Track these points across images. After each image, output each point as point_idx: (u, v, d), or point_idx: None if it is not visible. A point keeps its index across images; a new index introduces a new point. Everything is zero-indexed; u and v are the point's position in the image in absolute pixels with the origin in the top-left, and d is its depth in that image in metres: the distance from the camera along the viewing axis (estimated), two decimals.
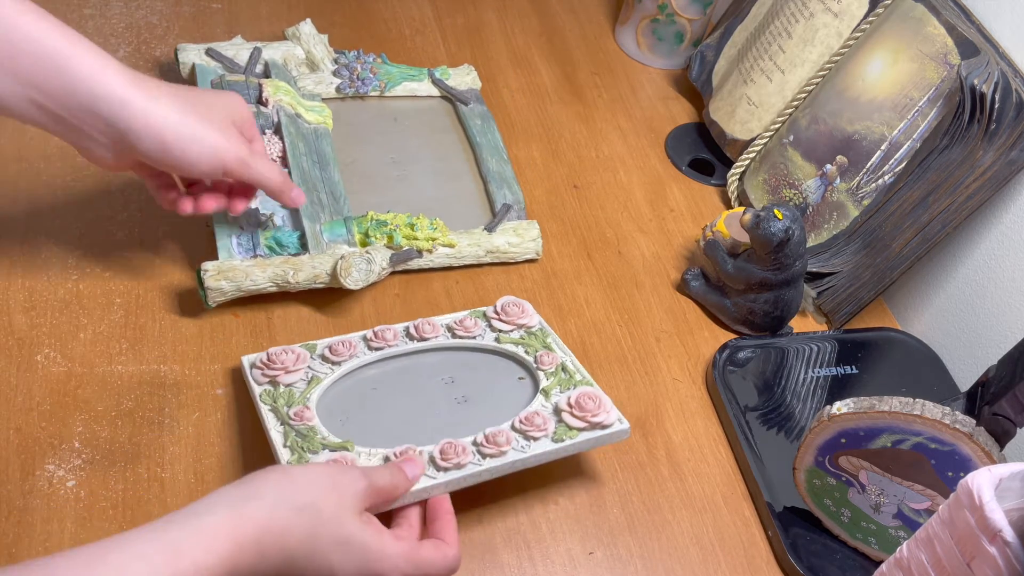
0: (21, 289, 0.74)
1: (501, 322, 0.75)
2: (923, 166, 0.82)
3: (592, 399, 0.69)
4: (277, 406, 0.66)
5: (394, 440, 0.64)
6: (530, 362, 0.73)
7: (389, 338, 0.72)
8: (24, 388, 0.68)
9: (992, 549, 0.49)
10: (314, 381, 0.68)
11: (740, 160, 0.97)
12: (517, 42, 1.09)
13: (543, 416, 0.67)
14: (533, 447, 0.66)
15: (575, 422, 0.68)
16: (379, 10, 1.08)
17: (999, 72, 0.77)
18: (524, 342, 0.74)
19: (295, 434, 0.64)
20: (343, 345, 0.70)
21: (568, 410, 0.68)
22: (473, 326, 0.74)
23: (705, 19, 1.08)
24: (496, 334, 0.74)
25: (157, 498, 0.64)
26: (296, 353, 0.69)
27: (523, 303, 0.76)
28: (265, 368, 0.68)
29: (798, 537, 0.71)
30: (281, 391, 0.67)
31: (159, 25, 0.97)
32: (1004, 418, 0.62)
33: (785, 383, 0.81)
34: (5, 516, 0.62)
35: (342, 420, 0.67)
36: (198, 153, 0.65)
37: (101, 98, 0.61)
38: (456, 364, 0.73)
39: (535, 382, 0.72)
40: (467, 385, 0.71)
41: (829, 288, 0.88)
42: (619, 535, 0.70)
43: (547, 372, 0.72)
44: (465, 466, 0.63)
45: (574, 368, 0.72)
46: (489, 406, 0.69)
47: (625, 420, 0.69)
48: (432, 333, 0.73)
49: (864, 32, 0.90)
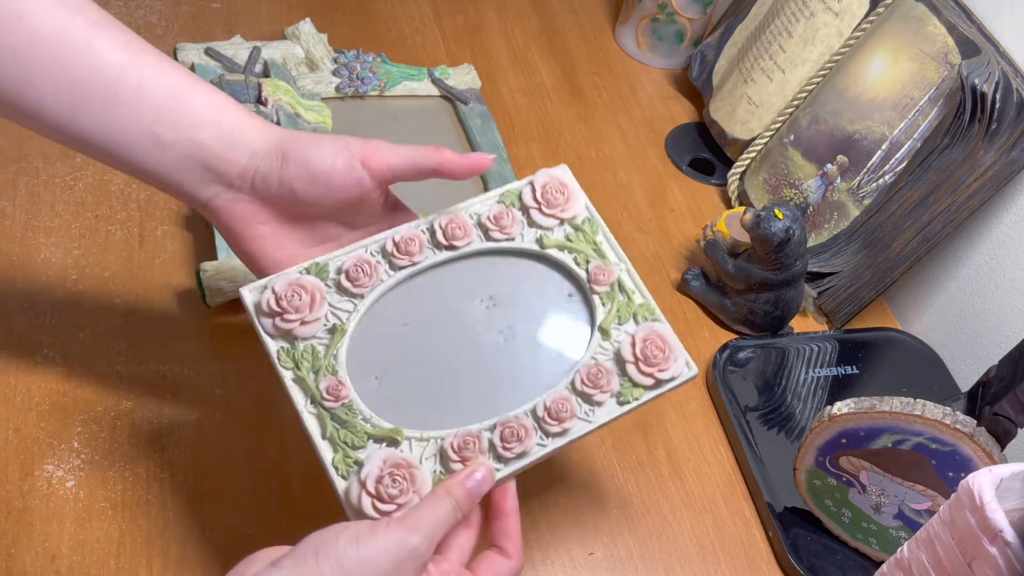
0: (20, 289, 0.73)
1: (542, 215, 0.61)
2: (924, 166, 0.82)
3: (660, 343, 0.58)
4: (301, 374, 0.55)
5: (441, 406, 0.56)
6: (580, 275, 0.60)
7: (414, 251, 0.59)
8: (23, 388, 0.68)
9: (993, 550, 0.49)
10: (338, 332, 0.56)
11: (740, 160, 0.97)
12: (517, 42, 1.09)
13: (605, 370, 0.57)
14: (597, 414, 0.57)
15: (642, 379, 0.58)
16: (379, 9, 1.08)
17: (1000, 72, 0.77)
18: (572, 245, 0.61)
19: (332, 420, 0.54)
20: (361, 270, 0.58)
21: (633, 362, 0.58)
22: (510, 224, 0.61)
23: (705, 18, 1.07)
24: (538, 233, 0.61)
25: (157, 499, 0.64)
26: (310, 291, 0.56)
27: (565, 180, 0.62)
28: (276, 317, 0.56)
29: (798, 537, 0.71)
30: (301, 350, 0.56)
31: (158, 24, 0.97)
32: (1005, 418, 0.62)
33: (785, 383, 0.81)
34: (4, 516, 0.62)
35: (378, 379, 0.56)
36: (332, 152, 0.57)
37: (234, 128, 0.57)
38: (493, 277, 0.60)
39: (588, 304, 0.60)
40: (510, 309, 0.59)
41: (830, 288, 0.88)
42: (619, 535, 0.70)
43: (602, 294, 0.60)
44: (530, 451, 0.55)
45: (633, 286, 0.60)
46: (540, 342, 0.59)
47: (693, 363, 0.59)
48: (464, 238, 0.60)
49: (865, 31, 0.90)
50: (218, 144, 0.56)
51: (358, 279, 0.57)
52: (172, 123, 0.55)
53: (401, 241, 0.59)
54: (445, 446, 0.54)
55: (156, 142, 0.55)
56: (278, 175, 0.56)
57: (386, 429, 0.54)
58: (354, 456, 0.53)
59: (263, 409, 0.70)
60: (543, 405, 0.56)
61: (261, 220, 0.58)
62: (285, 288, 0.56)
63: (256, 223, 0.58)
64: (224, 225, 0.58)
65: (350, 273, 0.57)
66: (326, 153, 0.57)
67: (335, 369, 0.55)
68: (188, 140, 0.55)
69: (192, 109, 0.55)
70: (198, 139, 0.55)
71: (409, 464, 0.53)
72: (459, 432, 0.54)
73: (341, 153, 0.57)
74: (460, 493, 0.52)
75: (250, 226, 0.58)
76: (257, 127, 0.57)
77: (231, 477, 0.66)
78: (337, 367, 0.56)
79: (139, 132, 0.54)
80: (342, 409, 0.54)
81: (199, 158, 0.56)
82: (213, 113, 0.56)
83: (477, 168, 0.59)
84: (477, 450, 0.54)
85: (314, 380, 0.55)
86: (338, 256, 0.58)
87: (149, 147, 0.55)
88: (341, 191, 0.57)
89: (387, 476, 0.52)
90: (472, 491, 0.52)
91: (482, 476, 0.53)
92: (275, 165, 0.56)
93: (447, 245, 0.59)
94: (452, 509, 0.51)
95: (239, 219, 0.58)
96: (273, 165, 0.56)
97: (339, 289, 0.57)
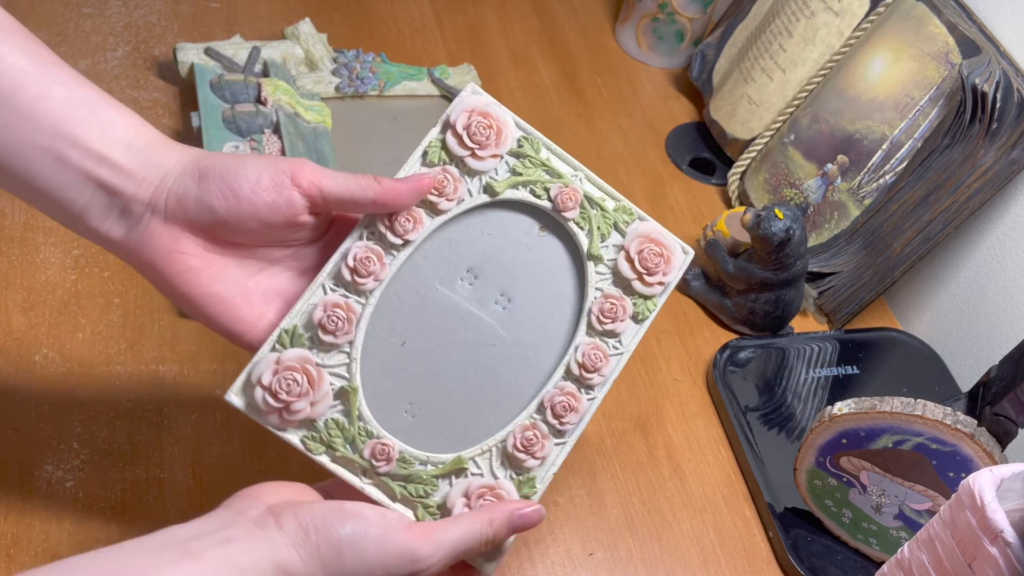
0: (19, 289, 0.73)
1: (478, 159, 0.54)
2: (924, 165, 0.82)
3: (654, 247, 0.55)
4: (339, 452, 0.52)
5: (479, 407, 0.54)
6: (545, 207, 0.55)
7: (375, 269, 0.53)
8: (23, 388, 0.68)
9: (993, 550, 0.49)
10: (349, 392, 0.52)
11: (741, 159, 0.97)
12: (517, 41, 1.09)
13: (616, 298, 0.55)
14: (625, 342, 0.55)
15: (651, 289, 0.55)
16: (378, 9, 1.08)
17: (1000, 71, 0.77)
18: (522, 178, 0.55)
19: (393, 482, 0.52)
20: (335, 315, 0.52)
21: (637, 277, 0.55)
22: (452, 187, 0.54)
23: (706, 18, 1.07)
24: (482, 180, 0.54)
25: (156, 499, 0.64)
26: (301, 368, 0.51)
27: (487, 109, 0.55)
28: (281, 412, 0.51)
29: (799, 538, 0.71)
30: (325, 429, 0.52)
31: (158, 24, 0.97)
32: (1005, 418, 0.62)
33: (786, 383, 0.81)
34: (4, 516, 0.61)
35: (408, 411, 0.54)
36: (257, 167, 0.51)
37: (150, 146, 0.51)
38: (460, 249, 0.55)
39: (564, 233, 0.56)
40: (493, 275, 0.55)
41: (830, 288, 0.88)
42: (619, 536, 0.70)
43: (576, 220, 0.55)
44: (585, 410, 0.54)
45: (599, 192, 0.56)
46: (540, 295, 0.55)
47: (686, 246, 0.57)
48: (415, 227, 0.53)
49: (865, 31, 0.90)
50: (127, 162, 0.49)
51: (336, 327, 0.52)
52: (74, 138, 0.48)
53: (358, 263, 0.52)
54: (508, 448, 0.53)
55: (55, 158, 0.48)
56: (195, 193, 0.50)
57: (448, 463, 0.53)
58: (433, 503, 0.53)
59: None
60: (575, 362, 0.54)
61: (185, 250, 0.51)
62: (274, 378, 0.51)
63: (181, 255, 0.51)
64: (147, 264, 0.51)
65: (325, 325, 0.52)
66: (250, 167, 0.50)
67: (369, 431, 0.52)
68: (92, 158, 0.49)
69: (100, 124, 0.49)
70: (104, 156, 0.49)
71: (492, 487, 0.53)
72: (514, 429, 0.53)
73: (268, 168, 0.50)
74: (502, 522, 0.51)
75: (175, 260, 0.51)
76: (172, 147, 0.51)
77: (231, 476, 0.66)
78: (369, 427, 0.52)
79: (36, 146, 0.48)
80: (398, 467, 0.52)
81: (103, 180, 0.49)
82: (123, 131, 0.50)
83: (419, 189, 0.53)
84: (542, 437, 0.53)
85: (355, 452, 0.52)
86: (299, 312, 0.52)
87: (47, 165, 0.48)
88: (269, 211, 0.50)
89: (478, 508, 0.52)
90: (515, 523, 0.51)
91: (531, 512, 0.52)
92: (191, 183, 0.50)
93: (402, 243, 0.53)
94: (481, 532, 0.50)
95: (161, 254, 0.50)
96: (188, 183, 0.50)
97: (320, 345, 0.52)
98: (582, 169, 0.56)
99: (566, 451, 0.54)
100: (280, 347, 0.52)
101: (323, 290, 0.53)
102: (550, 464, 0.54)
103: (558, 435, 0.54)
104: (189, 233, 0.51)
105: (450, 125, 0.54)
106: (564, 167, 0.56)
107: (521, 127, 0.56)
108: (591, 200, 0.55)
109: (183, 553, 0.44)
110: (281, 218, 0.51)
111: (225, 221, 0.50)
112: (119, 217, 0.50)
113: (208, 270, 0.51)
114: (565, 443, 0.54)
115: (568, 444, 0.54)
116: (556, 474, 0.54)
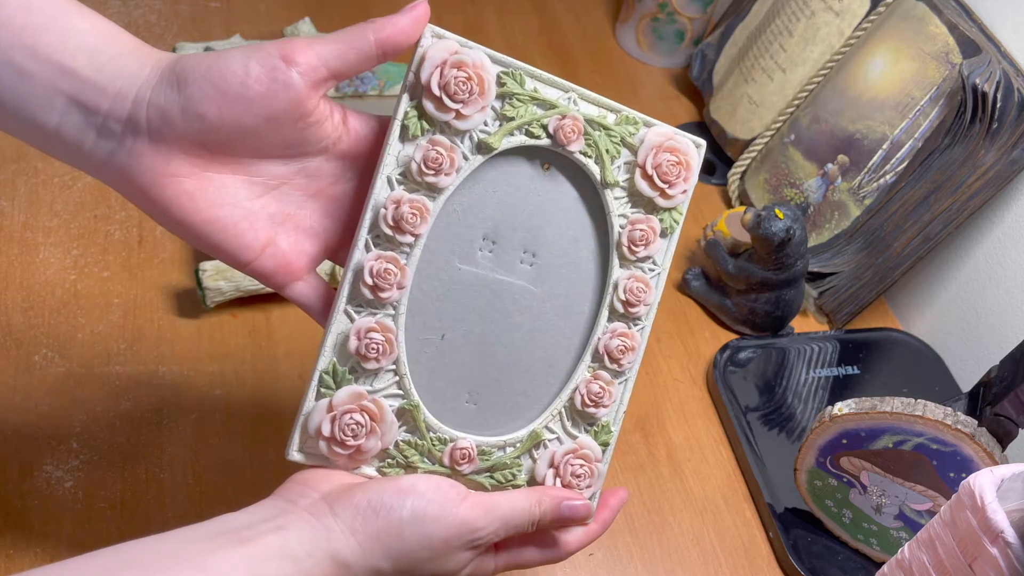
0: (19, 289, 0.73)
1: (463, 118, 0.48)
2: (925, 165, 0.81)
3: (669, 155, 0.51)
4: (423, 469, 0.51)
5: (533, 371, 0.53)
6: (544, 144, 0.50)
7: (398, 280, 0.49)
8: (22, 388, 0.68)
9: (994, 550, 0.49)
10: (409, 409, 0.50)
11: (741, 159, 0.97)
12: (517, 41, 1.09)
13: (642, 222, 0.52)
14: (659, 260, 0.53)
15: (673, 201, 0.52)
16: (378, 8, 1.07)
17: (1001, 71, 0.77)
18: (514, 122, 0.50)
19: (482, 476, 0.52)
20: (370, 340, 0.48)
21: (659, 193, 0.52)
22: (446, 160, 0.48)
23: (706, 18, 1.07)
24: (473, 139, 0.49)
25: (155, 499, 0.64)
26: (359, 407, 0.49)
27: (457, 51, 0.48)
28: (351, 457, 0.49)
29: (799, 538, 0.71)
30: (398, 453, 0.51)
31: (157, 24, 0.97)
32: (1006, 418, 0.62)
33: (786, 383, 0.81)
34: (3, 517, 0.61)
35: (469, 401, 0.52)
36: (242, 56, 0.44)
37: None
38: (469, 215, 0.51)
39: (571, 166, 0.52)
40: (511, 234, 0.51)
41: (830, 288, 0.88)
42: (619, 536, 0.70)
43: (582, 151, 0.51)
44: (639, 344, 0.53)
45: (597, 110, 0.51)
46: (566, 242, 0.52)
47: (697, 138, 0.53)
48: (424, 217, 0.49)
49: (865, 31, 0.90)
50: (93, 73, 0.43)
51: (377, 351, 0.49)
52: (33, 46, 0.43)
53: (377, 279, 0.48)
54: (578, 406, 0.53)
55: (15, 72, 0.43)
56: (178, 103, 0.43)
57: (525, 440, 0.52)
58: (522, 482, 0.53)
59: (262, 410, 0.70)
60: (618, 300, 0.52)
61: (179, 172, 0.45)
62: (333, 425, 0.48)
63: (174, 179, 0.45)
64: (137, 191, 0.45)
65: (365, 354, 0.49)
66: (234, 60, 0.44)
67: (442, 439, 0.51)
68: (55, 69, 0.43)
69: (63, 31, 0.43)
70: (68, 67, 0.43)
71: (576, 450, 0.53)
72: (578, 385, 0.53)
73: (254, 55, 0.44)
74: (549, 506, 0.51)
75: (168, 184, 0.45)
76: (146, 52, 0.45)
77: (231, 477, 0.66)
78: (441, 435, 0.51)
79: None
80: (481, 459, 0.51)
81: (72, 94, 0.43)
82: (87, 38, 0.44)
83: (419, 16, 0.47)
84: (607, 385, 0.53)
85: (435, 463, 0.51)
86: (330, 346, 0.49)
87: (8, 79, 0.43)
88: (265, 102, 0.44)
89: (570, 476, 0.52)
90: (563, 513, 0.51)
91: (580, 505, 0.51)
92: (171, 92, 0.44)
93: (414, 238, 0.49)
94: (530, 511, 0.50)
95: (152, 179, 0.45)
96: (168, 93, 0.44)
97: (365, 374, 0.49)
98: (573, 89, 0.52)
99: (629, 387, 0.54)
100: (326, 391, 0.49)
101: (347, 317, 0.49)
102: (617, 405, 0.54)
103: (619, 376, 0.53)
104: (181, 152, 0.45)
105: (423, 87, 0.48)
106: (554, 92, 0.51)
107: (498, 61, 0.49)
108: (591, 122, 0.51)
109: (236, 539, 0.44)
110: (283, 107, 0.44)
111: (218, 128, 0.44)
112: (97, 138, 0.44)
113: (206, 192, 0.46)
114: (627, 380, 0.54)
115: (630, 380, 0.54)
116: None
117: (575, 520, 0.52)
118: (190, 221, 0.46)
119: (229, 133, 0.45)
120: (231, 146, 0.46)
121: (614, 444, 0.54)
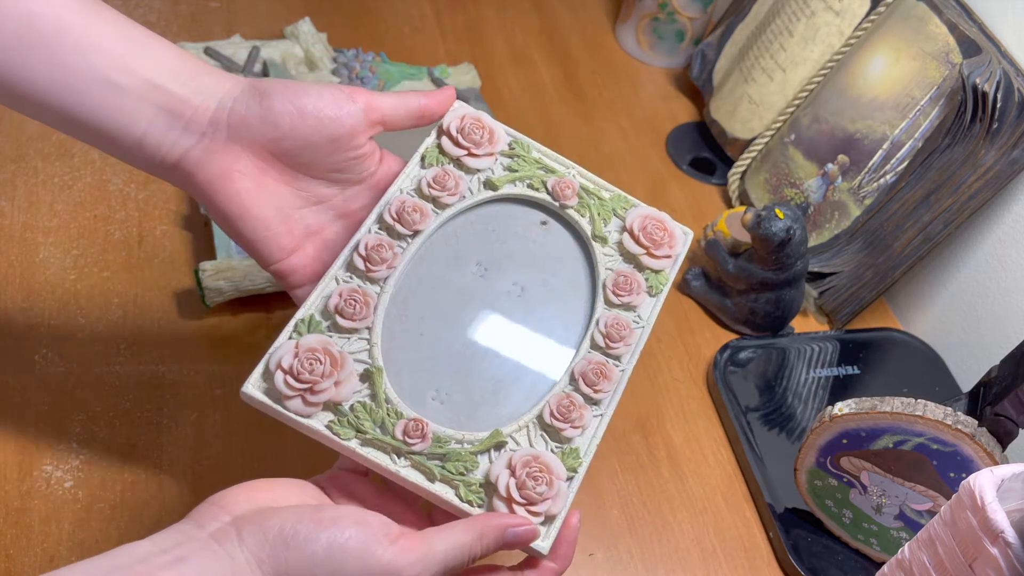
0: (19, 289, 0.73)
1: (475, 157, 0.58)
2: (925, 165, 0.81)
3: (655, 223, 0.58)
4: (369, 435, 0.50)
5: (506, 387, 0.54)
6: (544, 199, 0.58)
7: (388, 258, 0.54)
8: (22, 388, 0.68)
9: (994, 550, 0.49)
10: (374, 373, 0.51)
11: (741, 159, 0.97)
12: (517, 41, 1.09)
13: (628, 274, 0.57)
14: (644, 314, 0.56)
15: (659, 262, 0.57)
16: (378, 8, 1.08)
17: (1001, 71, 0.77)
18: (518, 174, 0.58)
19: (430, 460, 0.50)
20: (353, 299, 0.52)
21: (644, 252, 0.57)
22: (453, 182, 0.57)
23: (706, 17, 1.07)
24: (480, 177, 0.58)
25: (155, 499, 0.64)
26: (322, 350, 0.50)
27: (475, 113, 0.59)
28: (304, 393, 0.50)
29: (799, 538, 0.71)
30: (352, 411, 0.50)
31: (157, 24, 0.97)
32: (1006, 418, 0.62)
33: (786, 383, 0.81)
34: (3, 517, 0.61)
35: (435, 398, 0.53)
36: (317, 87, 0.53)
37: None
38: (467, 242, 0.57)
39: (566, 222, 0.58)
40: (502, 264, 0.56)
41: (830, 288, 0.88)
42: (619, 536, 0.70)
43: (575, 207, 0.58)
44: (617, 379, 0.54)
45: (593, 184, 0.60)
46: (552, 280, 0.57)
47: (685, 227, 0.59)
48: (423, 219, 0.56)
49: (866, 31, 0.89)
50: (181, 89, 0.51)
51: (355, 310, 0.52)
52: (127, 66, 0.49)
53: (370, 251, 0.54)
54: (545, 418, 0.52)
55: (110, 87, 0.49)
56: (258, 111, 0.52)
57: (485, 438, 0.51)
58: (475, 480, 0.50)
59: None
60: (599, 333, 0.55)
61: (242, 170, 0.52)
62: (295, 360, 0.50)
63: (237, 175, 0.52)
64: (202, 184, 0.52)
65: (343, 310, 0.52)
66: (310, 86, 0.53)
67: (398, 412, 0.51)
68: (147, 84, 0.50)
69: (150, 54, 0.50)
70: (159, 84, 0.50)
71: (537, 456, 0.50)
72: (550, 398, 0.53)
73: (327, 87, 0.53)
74: (492, 539, 0.47)
75: (232, 179, 0.52)
76: (222, 74, 0.53)
77: (231, 477, 0.66)
78: (398, 408, 0.51)
79: (89, 78, 0.49)
80: (434, 444, 0.50)
81: (161, 103, 0.50)
82: (172, 61, 0.51)
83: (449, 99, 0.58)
84: (579, 406, 0.52)
85: (386, 433, 0.50)
86: (313, 302, 0.53)
87: (103, 94, 0.49)
88: (332, 124, 0.52)
89: (527, 479, 0.50)
90: (508, 540, 0.48)
91: (524, 531, 0.48)
92: (252, 102, 0.52)
93: (411, 233, 0.55)
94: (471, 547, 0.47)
95: (218, 174, 0.52)
96: (250, 103, 0.52)
97: (339, 331, 0.52)
98: (573, 166, 0.60)
99: (605, 421, 0.53)
100: (297, 335, 0.51)
101: (336, 281, 0.54)
102: (591, 435, 0.53)
103: (594, 404, 0.53)
104: (250, 153, 0.52)
105: (444, 131, 0.58)
106: (557, 164, 0.60)
107: (510, 133, 0.60)
108: (587, 190, 0.59)
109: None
110: (343, 132, 0.53)
111: (288, 136, 0.52)
112: (178, 137, 0.51)
113: (259, 193, 0.53)
114: (603, 413, 0.53)
115: (606, 415, 0.53)
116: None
117: (521, 545, 0.49)
118: (241, 214, 0.53)
119: (295, 144, 0.53)
120: (293, 156, 0.53)
121: (582, 474, 0.52)
